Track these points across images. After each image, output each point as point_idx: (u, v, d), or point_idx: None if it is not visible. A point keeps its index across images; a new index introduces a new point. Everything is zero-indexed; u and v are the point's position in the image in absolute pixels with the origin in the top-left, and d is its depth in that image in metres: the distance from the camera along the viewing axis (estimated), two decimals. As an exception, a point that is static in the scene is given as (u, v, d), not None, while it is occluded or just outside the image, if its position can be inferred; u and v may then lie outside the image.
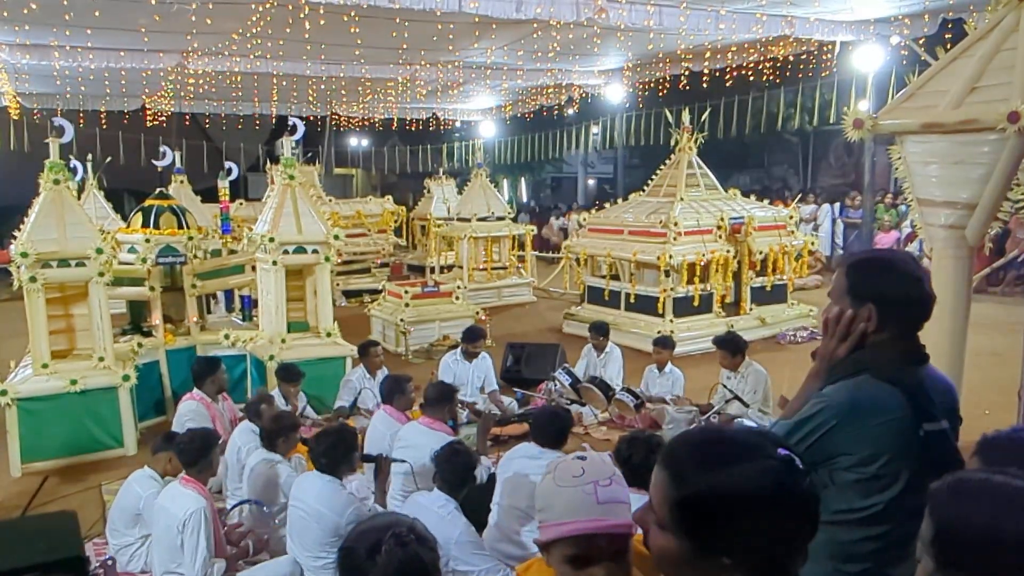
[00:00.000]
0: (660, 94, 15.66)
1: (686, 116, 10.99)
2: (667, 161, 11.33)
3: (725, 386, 6.67)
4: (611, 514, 1.72)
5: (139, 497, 4.50)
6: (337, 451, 4.13)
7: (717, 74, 14.04)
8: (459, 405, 6.76)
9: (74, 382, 6.56)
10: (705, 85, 14.40)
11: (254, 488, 4.74)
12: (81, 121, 16.36)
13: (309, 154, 19.24)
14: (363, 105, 18.78)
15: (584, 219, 12.17)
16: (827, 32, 10.98)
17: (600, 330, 8.00)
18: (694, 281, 10.18)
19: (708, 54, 13.09)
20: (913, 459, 2.09)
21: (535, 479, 4.14)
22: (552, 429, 4.44)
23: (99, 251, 6.62)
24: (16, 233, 6.76)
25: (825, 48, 12.30)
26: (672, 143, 11.28)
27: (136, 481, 4.64)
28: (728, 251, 10.26)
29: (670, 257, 9.75)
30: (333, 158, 25.88)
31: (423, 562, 1.74)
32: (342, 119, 20.96)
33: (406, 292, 10.66)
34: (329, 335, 7.70)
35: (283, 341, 7.45)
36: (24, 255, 6.34)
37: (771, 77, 13.88)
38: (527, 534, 4.08)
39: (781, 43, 12.19)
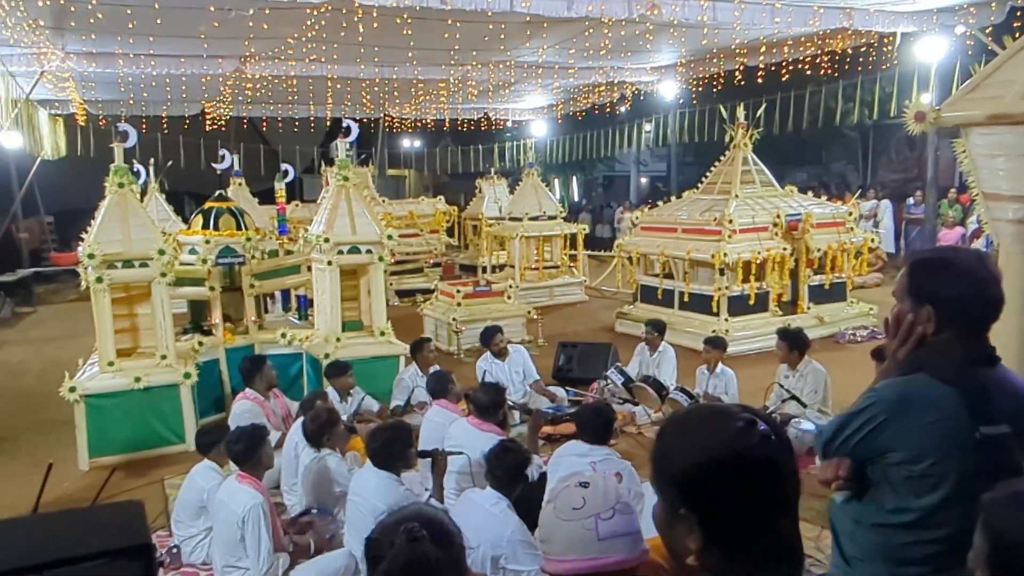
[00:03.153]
0: (714, 90, 15.44)
1: (741, 112, 10.80)
2: (721, 158, 11.15)
3: (782, 385, 6.54)
4: (612, 551, 1.67)
5: (202, 490, 4.64)
6: (393, 447, 4.17)
7: (772, 68, 13.76)
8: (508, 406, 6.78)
9: (138, 379, 6.77)
10: (760, 80, 14.15)
11: (309, 481, 4.81)
12: (143, 126, 16.86)
13: (363, 156, 19.51)
14: (415, 106, 18.95)
15: (637, 217, 12.07)
16: (887, 23, 10.66)
17: (656, 327, 7.90)
18: (749, 279, 9.99)
19: (763, 48, 12.85)
20: (966, 462, 2.03)
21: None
22: (596, 424, 4.42)
23: (161, 252, 6.81)
24: (84, 235, 7.01)
25: (885, 40, 11.94)
26: (727, 139, 11.10)
27: (198, 474, 4.77)
28: (785, 249, 10.06)
29: (725, 255, 9.60)
30: (386, 159, 26.16)
31: (429, 560, 1.65)
32: (395, 121, 21.18)
33: (458, 291, 10.72)
34: (383, 334, 7.78)
35: (338, 340, 7.55)
36: (91, 256, 6.57)
37: (829, 71, 13.52)
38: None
39: (839, 36, 11.89)
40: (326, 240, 7.45)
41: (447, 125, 21.46)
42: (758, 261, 9.91)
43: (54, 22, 9.34)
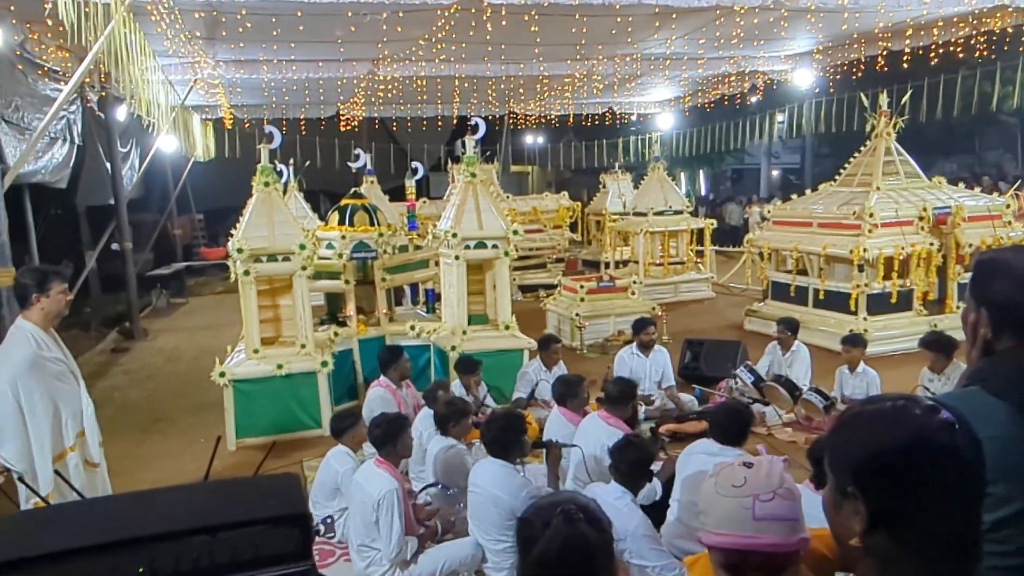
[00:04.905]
0: (854, 77, 14.63)
1: (884, 99, 10.18)
2: (861, 148, 10.56)
3: (927, 388, 6.14)
4: (767, 531, 1.64)
5: (336, 472, 4.86)
6: (507, 435, 4.21)
7: (920, 52, 12.87)
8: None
9: (280, 366, 7.18)
10: (906, 65, 13.26)
11: (436, 472, 4.95)
12: (284, 128, 17.86)
13: (487, 153, 19.80)
14: (540, 103, 19.05)
15: (768, 211, 11.64)
16: (1055, -2, 9.78)
17: (789, 325, 7.60)
18: (891, 276, 9.46)
19: (910, 31, 12.05)
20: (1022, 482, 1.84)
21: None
22: (732, 425, 4.30)
23: (302, 247, 7.19)
24: (232, 232, 7.50)
25: (1052, 17, 10.95)
26: (867, 129, 10.50)
27: (333, 457, 5.01)
28: (931, 244, 9.43)
29: (864, 250, 9.12)
30: (510, 156, 26.46)
31: (587, 541, 1.70)
32: (519, 117, 21.38)
33: (581, 287, 10.71)
34: (507, 328, 7.88)
35: (464, 333, 7.72)
36: (240, 251, 7.01)
37: (984, 52, 12.53)
38: (708, 532, 3.96)
39: (998, 14, 10.98)
40: (454, 235, 7.62)
41: (571, 121, 21.42)
42: (901, 257, 9.35)
43: (207, 33, 10.03)
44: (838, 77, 15.24)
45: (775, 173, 30.97)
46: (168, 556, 1.70)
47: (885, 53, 12.98)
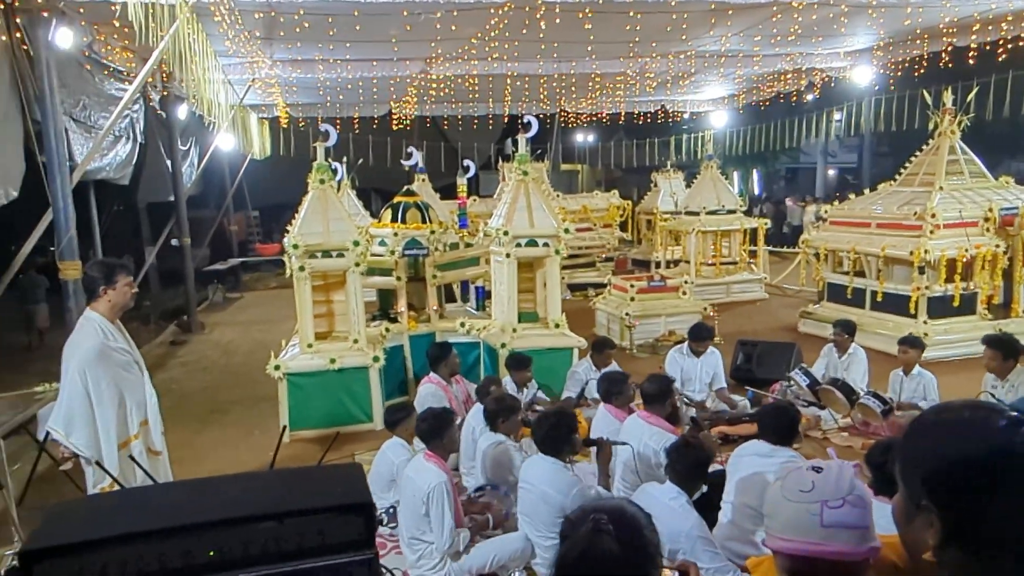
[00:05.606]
0: (915, 74, 14.19)
1: (948, 96, 9.87)
2: (923, 147, 10.26)
3: (992, 394, 5.94)
4: (835, 539, 1.60)
5: (392, 464, 4.93)
6: (559, 433, 4.21)
7: (987, 48, 12.44)
8: (683, 401, 6.63)
9: (333, 361, 7.29)
10: (972, 61, 12.83)
11: (486, 466, 4.97)
12: (338, 127, 18.12)
13: (538, 151, 19.79)
14: (591, 101, 18.97)
15: (825, 211, 11.39)
16: None
17: (846, 327, 7.43)
18: (954, 279, 9.19)
19: (976, 26, 11.66)
20: None
21: (769, 477, 3.97)
22: (780, 425, 4.24)
23: (356, 243, 7.29)
24: (286, 228, 7.63)
25: None
26: (930, 127, 10.19)
27: (389, 449, 5.09)
28: (997, 246, 9.13)
29: (925, 252, 8.87)
30: (560, 154, 26.42)
31: (606, 556, 1.59)
32: (570, 116, 21.32)
33: (632, 286, 10.64)
34: (557, 326, 7.87)
35: (514, 330, 7.73)
36: (295, 247, 7.14)
37: (1057, 47, 12.06)
38: (762, 535, 3.90)
39: (1071, 8, 10.57)
40: (505, 233, 7.64)
41: (622, 119, 21.30)
42: (965, 259, 9.07)
43: (266, 33, 10.23)
44: (899, 74, 14.83)
45: (831, 172, 30.31)
46: (237, 541, 1.74)
47: (949, 49, 12.58)
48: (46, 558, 1.67)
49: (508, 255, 7.68)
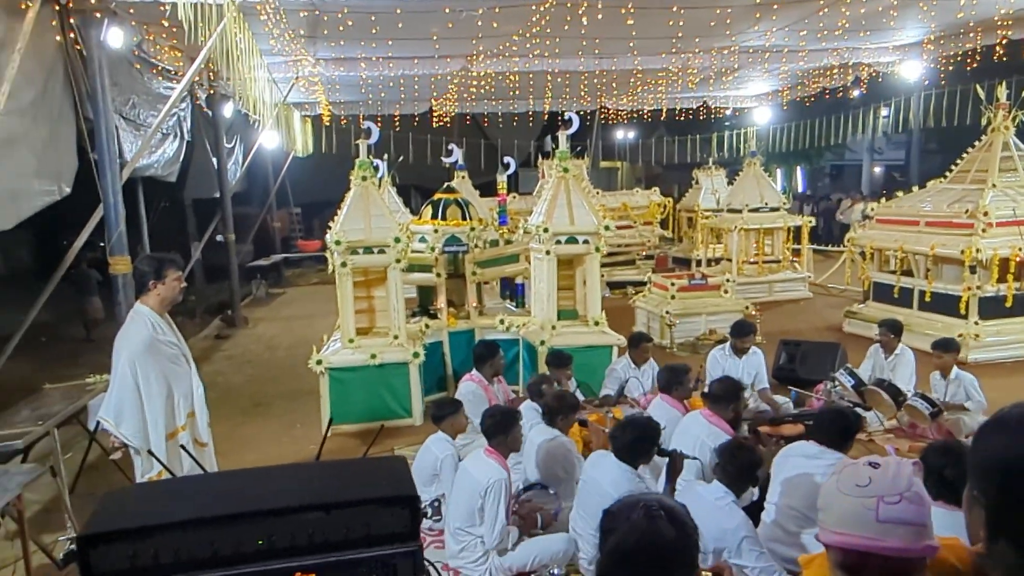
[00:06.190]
0: (967, 68, 13.82)
1: (1002, 91, 9.58)
2: (975, 143, 9.98)
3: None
4: (891, 535, 1.57)
5: (436, 459, 4.96)
6: (642, 443, 4.17)
7: (1044, 40, 12.08)
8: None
9: (374, 356, 7.36)
10: (1028, 54, 12.46)
11: (537, 462, 4.97)
12: (378, 124, 18.25)
13: (578, 148, 19.72)
14: (632, 97, 18.83)
15: (872, 209, 11.16)
16: None
17: (892, 327, 7.25)
18: (1007, 279, 8.94)
19: (1034, 18, 11.32)
20: None
21: (816, 479, 3.90)
22: (836, 428, 4.16)
23: (397, 240, 7.34)
24: (328, 225, 7.71)
25: None
26: (982, 123, 9.92)
27: (433, 444, 5.12)
28: (1052, 245, 8.85)
29: (977, 251, 8.65)
30: (600, 151, 26.28)
31: (664, 538, 1.65)
32: (610, 112, 21.20)
33: (672, 284, 10.55)
34: (597, 324, 7.84)
35: (553, 328, 7.72)
36: (338, 243, 7.22)
37: (1117, 40, 11.64)
38: (807, 537, 3.84)
39: None
40: (545, 230, 7.62)
41: (663, 115, 21.11)
42: (1018, 259, 8.81)
43: (310, 31, 10.35)
44: (950, 68, 14.43)
45: (877, 170, 29.66)
46: (285, 530, 1.77)
47: (1005, 42, 12.22)
48: (102, 543, 1.72)
49: (548, 252, 7.66)
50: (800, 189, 28.25)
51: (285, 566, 1.78)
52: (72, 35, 7.53)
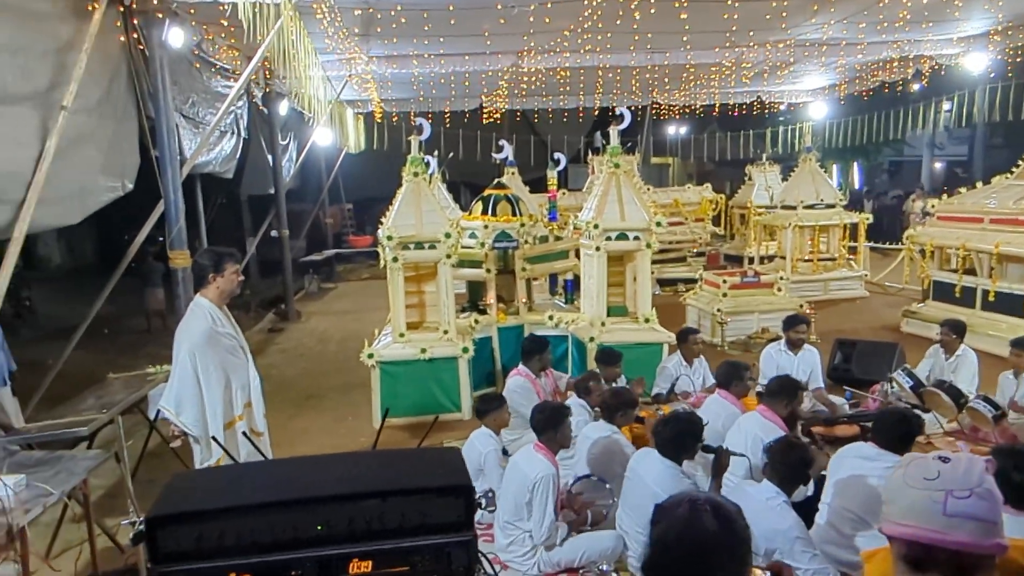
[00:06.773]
0: (1037, 60, 13.33)
1: (1073, 83, 9.23)
2: (1044, 138, 9.63)
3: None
4: (958, 529, 1.53)
5: (480, 454, 4.99)
6: (684, 439, 4.15)
7: (1119, 31, 11.56)
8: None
9: (424, 350, 7.44)
10: (1101, 46, 11.95)
11: (590, 457, 4.97)
12: (430, 120, 18.39)
13: (628, 144, 19.56)
14: (684, 92, 18.60)
15: (932, 206, 10.84)
16: None
17: (954, 328, 7.03)
18: (1077, 279, 8.59)
19: (1108, 7, 10.84)
20: None
21: (871, 481, 3.82)
22: (896, 431, 4.06)
23: (448, 235, 7.40)
24: (380, 221, 7.81)
25: None
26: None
27: (477, 439, 5.15)
28: None
29: (1045, 250, 8.33)
30: (651, 147, 26.05)
31: (708, 532, 1.62)
32: (661, 108, 20.97)
33: (724, 282, 10.43)
34: (647, 321, 7.79)
35: (603, 324, 7.70)
36: (389, 238, 7.31)
37: None
38: (862, 539, 3.77)
39: None
40: (595, 226, 7.60)
41: (716, 110, 20.80)
42: (1089, 258, 8.47)
43: (363, 29, 10.47)
44: (1018, 60, 13.93)
45: (938, 165, 28.78)
46: (342, 517, 1.81)
47: (1076, 32, 11.75)
48: (169, 524, 1.78)
49: (598, 248, 7.64)
50: (857, 186, 27.57)
51: (342, 551, 1.81)
52: (135, 35, 7.75)
